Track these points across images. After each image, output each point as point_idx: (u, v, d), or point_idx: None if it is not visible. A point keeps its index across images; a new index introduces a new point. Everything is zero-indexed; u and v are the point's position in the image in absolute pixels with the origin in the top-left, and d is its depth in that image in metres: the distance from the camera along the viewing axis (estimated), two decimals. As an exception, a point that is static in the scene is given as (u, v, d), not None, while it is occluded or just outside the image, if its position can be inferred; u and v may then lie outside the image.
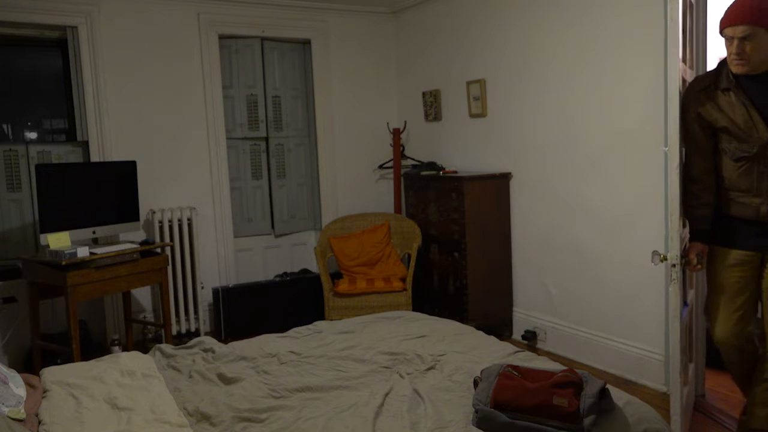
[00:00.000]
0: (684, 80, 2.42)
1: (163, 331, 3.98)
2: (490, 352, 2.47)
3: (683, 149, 2.38)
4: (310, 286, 4.57)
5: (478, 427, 1.84)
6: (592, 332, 3.66)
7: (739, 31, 2.10)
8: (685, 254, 2.42)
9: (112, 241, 4.04)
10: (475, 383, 2.06)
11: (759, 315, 2.50)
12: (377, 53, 5.23)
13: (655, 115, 3.11)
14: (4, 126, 4.29)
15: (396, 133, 4.98)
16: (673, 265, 2.30)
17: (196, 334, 4.36)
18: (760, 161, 2.22)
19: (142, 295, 4.40)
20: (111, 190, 3.86)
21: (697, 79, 2.35)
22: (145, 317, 4.39)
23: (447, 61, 4.65)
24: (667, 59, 2.29)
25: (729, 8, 2.15)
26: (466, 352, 2.48)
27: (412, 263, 4.32)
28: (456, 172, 4.43)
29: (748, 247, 2.34)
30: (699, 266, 2.44)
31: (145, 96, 4.32)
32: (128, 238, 4.08)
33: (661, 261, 2.32)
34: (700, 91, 2.29)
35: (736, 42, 2.11)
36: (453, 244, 4.17)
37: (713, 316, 2.46)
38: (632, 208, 3.30)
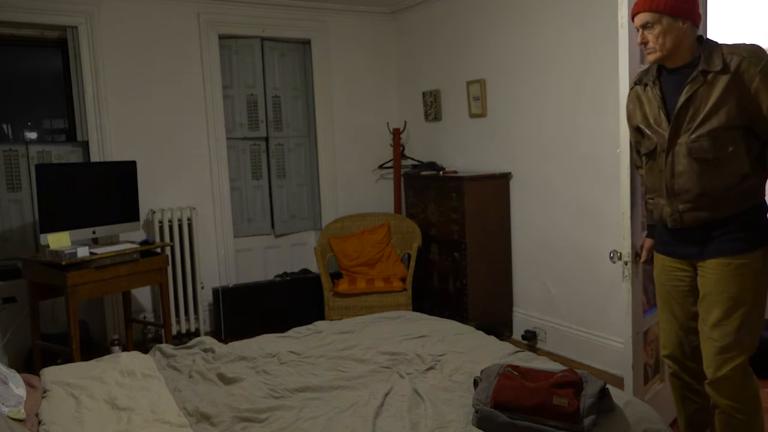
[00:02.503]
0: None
1: (163, 331, 3.98)
2: (490, 352, 2.47)
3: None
4: (310, 286, 4.57)
5: (478, 427, 1.84)
6: (592, 332, 3.66)
7: (638, 20, 2.06)
8: (639, 249, 2.45)
9: (112, 241, 4.04)
10: (475, 383, 2.06)
11: None
12: (377, 53, 5.23)
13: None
14: (4, 126, 4.29)
15: (396, 133, 4.98)
16: (626, 263, 2.38)
17: (196, 334, 4.36)
18: (660, 159, 2.10)
19: (142, 295, 4.40)
20: (111, 190, 3.86)
21: (637, 74, 2.29)
22: (145, 317, 4.39)
23: (447, 61, 4.65)
24: (618, 65, 2.32)
25: None
26: (466, 352, 2.48)
27: (412, 263, 4.32)
28: (456, 172, 4.43)
29: (670, 255, 2.18)
30: (644, 261, 2.41)
31: (145, 96, 4.32)
32: (128, 238, 4.08)
33: (618, 259, 2.38)
34: (632, 88, 2.25)
35: (640, 32, 2.06)
36: (453, 244, 4.17)
37: (659, 327, 2.32)
38: (632, 208, 3.30)
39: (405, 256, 4.62)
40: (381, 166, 5.21)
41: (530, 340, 4.02)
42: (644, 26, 2.04)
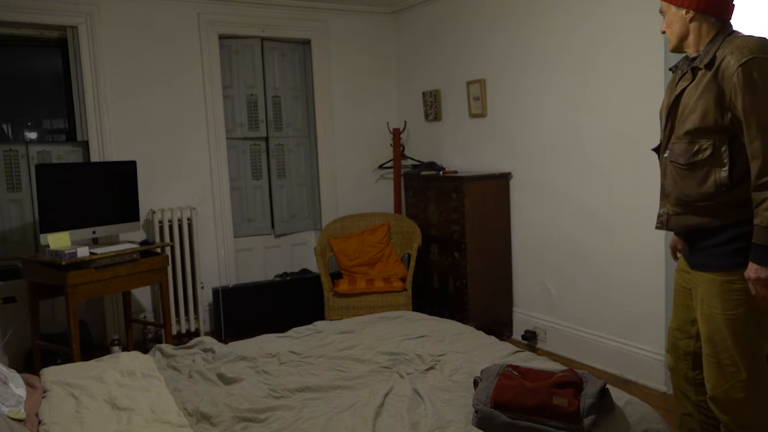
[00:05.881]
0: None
1: (163, 331, 3.98)
2: (490, 352, 2.47)
3: None
4: (310, 286, 4.57)
5: (478, 427, 1.84)
6: (592, 332, 3.66)
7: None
8: None
9: (112, 241, 4.04)
10: (475, 383, 2.06)
11: None
12: (377, 53, 5.23)
13: (656, 115, 3.10)
14: (4, 126, 4.29)
15: (396, 133, 4.97)
16: None
17: (196, 334, 4.36)
18: (661, 157, 2.04)
19: (142, 295, 4.40)
20: (111, 190, 3.86)
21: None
22: (145, 317, 4.39)
23: (447, 61, 4.65)
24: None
25: None
26: (466, 352, 2.47)
27: (412, 263, 4.32)
28: (456, 172, 4.43)
29: (683, 255, 2.10)
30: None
31: (145, 96, 4.32)
32: (128, 238, 4.08)
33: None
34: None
35: None
36: (453, 244, 4.17)
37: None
38: (632, 207, 3.30)
39: (405, 256, 4.62)
40: (381, 166, 5.21)
41: (530, 340, 4.02)
42: (661, 14, 2.01)
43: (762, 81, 1.73)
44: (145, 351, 2.74)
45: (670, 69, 2.08)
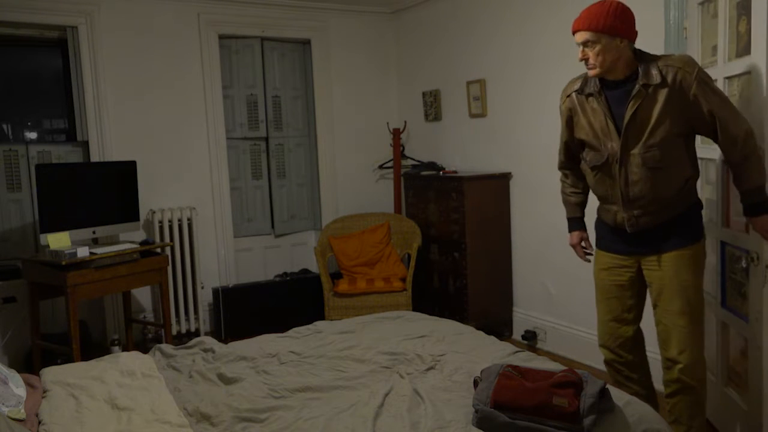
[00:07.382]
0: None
1: (163, 331, 3.98)
2: (490, 352, 2.47)
3: None
4: (310, 286, 4.57)
5: (478, 427, 1.84)
6: (592, 332, 3.65)
7: (578, 37, 2.17)
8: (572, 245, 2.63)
9: (112, 241, 4.03)
10: (475, 383, 2.06)
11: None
12: (377, 53, 5.23)
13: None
14: (4, 126, 4.29)
15: (396, 133, 4.97)
16: (767, 266, 2.18)
17: (196, 334, 4.36)
18: (610, 170, 2.25)
19: (142, 295, 4.40)
20: (111, 190, 3.87)
21: (570, 82, 2.39)
22: (145, 317, 4.39)
23: (447, 61, 4.65)
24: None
25: None
26: (466, 352, 2.47)
27: (412, 263, 4.32)
28: (456, 172, 4.43)
29: (620, 252, 2.36)
30: (588, 254, 2.61)
31: (145, 96, 4.32)
32: (128, 238, 4.08)
33: (755, 263, 2.22)
34: (572, 94, 2.34)
35: (581, 48, 2.18)
36: (453, 244, 4.17)
37: (597, 319, 2.53)
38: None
39: (405, 256, 4.62)
40: (381, 166, 5.21)
41: (530, 340, 4.02)
42: (584, 44, 2.15)
43: (712, 82, 2.10)
44: (145, 351, 2.74)
45: (581, 94, 2.29)
